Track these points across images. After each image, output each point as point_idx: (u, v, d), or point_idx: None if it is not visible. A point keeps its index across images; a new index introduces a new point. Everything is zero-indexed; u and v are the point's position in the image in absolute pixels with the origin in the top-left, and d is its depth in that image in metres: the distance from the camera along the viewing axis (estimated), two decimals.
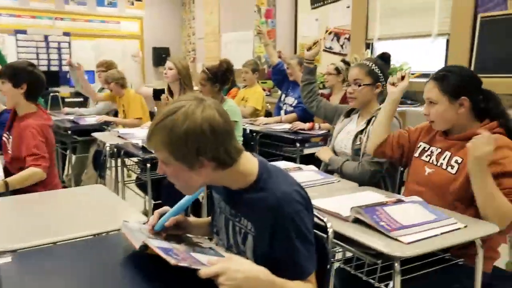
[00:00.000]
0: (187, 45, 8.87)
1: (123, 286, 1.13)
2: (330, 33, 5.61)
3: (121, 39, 8.43)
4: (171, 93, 3.40)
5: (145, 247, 1.17)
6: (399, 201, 1.56)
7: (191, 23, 8.69)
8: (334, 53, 5.70)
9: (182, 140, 1.07)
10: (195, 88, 3.68)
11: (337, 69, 3.80)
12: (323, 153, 2.34)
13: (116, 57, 8.24)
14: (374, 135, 2.00)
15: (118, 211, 1.69)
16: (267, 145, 3.69)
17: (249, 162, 1.19)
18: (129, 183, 3.20)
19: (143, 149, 2.82)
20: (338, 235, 1.42)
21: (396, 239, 1.33)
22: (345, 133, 2.35)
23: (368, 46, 5.16)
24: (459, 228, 1.41)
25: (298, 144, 3.32)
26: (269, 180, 1.15)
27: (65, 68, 7.79)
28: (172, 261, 1.05)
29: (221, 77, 3.08)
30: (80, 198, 1.90)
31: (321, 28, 5.87)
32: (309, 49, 2.65)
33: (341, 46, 5.62)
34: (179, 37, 9.00)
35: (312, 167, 2.21)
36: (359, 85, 2.22)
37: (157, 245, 1.15)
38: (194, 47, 8.67)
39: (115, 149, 2.99)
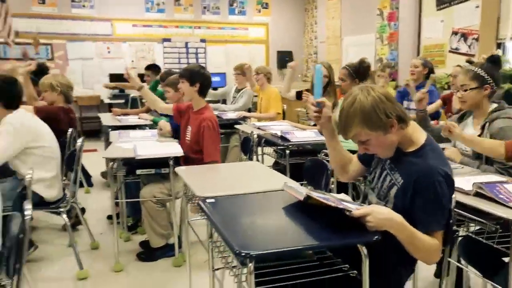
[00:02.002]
0: (309, 48, 9.35)
1: (287, 224, 1.58)
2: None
3: (249, 44, 9.22)
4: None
5: (308, 197, 1.60)
6: None
7: (313, 28, 9.15)
8: (461, 53, 5.67)
9: (373, 112, 1.47)
10: None
11: None
12: (453, 153, 2.42)
13: (243, 60, 9.07)
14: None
15: (274, 178, 2.18)
16: None
17: (418, 132, 1.57)
18: (268, 167, 3.73)
19: (282, 138, 3.31)
20: (461, 207, 1.70)
21: None
22: None
23: (499, 46, 5.07)
24: None
25: None
26: (429, 153, 1.51)
27: None
28: (332, 204, 1.47)
29: (362, 73, 3.46)
30: (244, 169, 2.46)
31: (446, 29, 5.87)
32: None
33: (469, 46, 5.57)
34: (301, 41, 9.52)
35: None
36: (466, 90, 2.34)
37: (317, 195, 1.58)
38: (316, 50, 9.11)
39: (257, 138, 3.53)
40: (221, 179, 2.30)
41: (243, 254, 1.26)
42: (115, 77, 8.00)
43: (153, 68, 5.39)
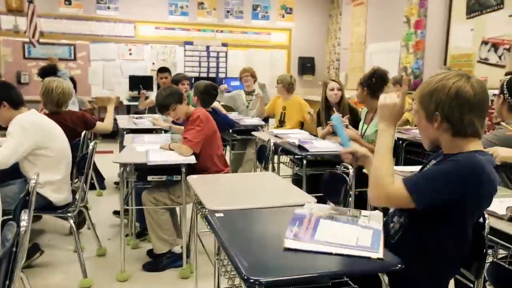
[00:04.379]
0: (332, 55, 9.19)
1: None
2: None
3: (271, 49, 9.11)
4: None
5: None
6: None
7: (336, 34, 8.99)
8: (490, 64, 5.43)
9: (430, 93, 1.37)
10: None
11: None
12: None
13: (264, 66, 9.03)
14: None
15: (291, 192, 2.05)
16: (414, 153, 3.74)
17: (475, 147, 1.38)
18: (284, 177, 3.59)
19: (299, 147, 3.18)
20: (493, 232, 1.54)
21: None
22: None
23: None
24: None
25: None
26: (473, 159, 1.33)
27: (221, 75, 8.75)
28: None
29: (374, 84, 3.24)
30: (259, 181, 2.34)
31: (476, 38, 5.64)
32: None
33: (499, 57, 5.33)
34: (324, 48, 9.36)
35: None
36: None
37: None
38: (338, 57, 8.94)
39: (273, 147, 3.40)
40: (234, 190, 2.17)
41: (252, 280, 1.14)
42: (135, 79, 8.02)
43: (168, 71, 5.35)
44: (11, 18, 7.54)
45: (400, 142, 3.78)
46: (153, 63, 8.29)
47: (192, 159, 2.68)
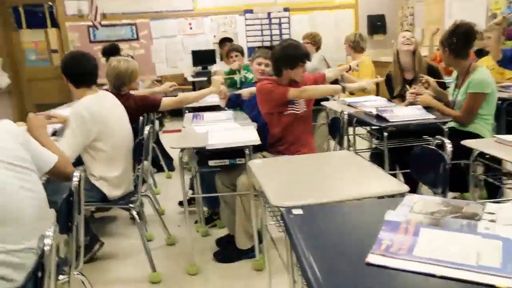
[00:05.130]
0: (404, 9, 8.32)
1: None
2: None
3: (336, 9, 8.46)
4: None
5: None
6: None
7: None
8: None
9: None
10: None
11: None
12: None
13: (329, 28, 8.43)
14: None
15: (377, 176, 1.68)
16: None
17: None
18: (361, 151, 3.21)
19: (378, 117, 2.76)
20: None
21: None
22: None
23: None
24: None
25: None
26: None
27: None
28: None
29: (456, 43, 2.74)
30: (335, 162, 1.99)
31: None
32: None
33: None
34: (394, 2, 8.51)
35: None
36: None
37: None
38: (412, 11, 8.07)
39: (347, 118, 3.01)
40: (308, 177, 1.79)
41: None
42: (198, 54, 7.84)
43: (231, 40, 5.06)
44: (75, 3, 7.61)
45: (500, 102, 3.19)
46: (214, 36, 8.03)
47: (255, 140, 2.37)
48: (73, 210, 1.59)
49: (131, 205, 2.51)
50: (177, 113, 7.42)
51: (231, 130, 2.66)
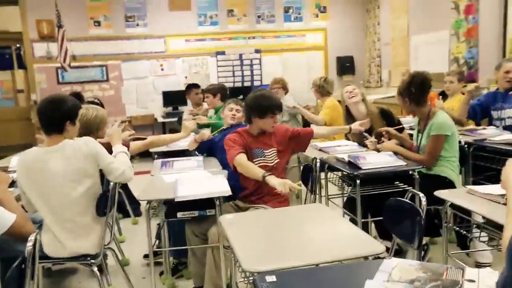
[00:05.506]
0: (372, 51, 8.61)
1: None
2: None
3: (306, 51, 8.66)
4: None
5: None
6: None
7: (375, 29, 8.41)
8: None
9: None
10: None
11: None
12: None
13: (301, 69, 8.60)
14: None
15: (354, 233, 1.61)
16: (482, 158, 3.21)
17: None
18: (333, 197, 3.16)
19: (350, 164, 2.73)
20: None
21: None
22: None
23: None
24: None
25: None
26: None
27: (256, 83, 8.39)
28: None
29: (413, 92, 2.86)
30: (307, 216, 1.92)
31: None
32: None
33: None
34: (363, 45, 8.80)
35: None
36: None
37: None
38: (379, 53, 8.36)
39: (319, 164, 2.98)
40: (279, 236, 1.69)
41: None
42: (169, 95, 7.80)
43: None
44: (44, 45, 7.51)
45: (466, 146, 3.25)
46: (186, 77, 8.05)
47: (226, 191, 2.29)
48: (25, 279, 1.45)
49: (92, 260, 2.34)
50: (145, 154, 7.31)
51: (201, 180, 2.57)
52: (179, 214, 2.35)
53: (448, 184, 2.79)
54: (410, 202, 1.71)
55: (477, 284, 1.05)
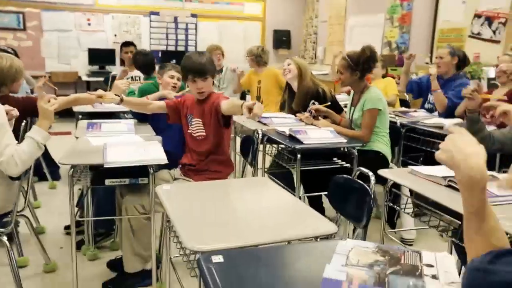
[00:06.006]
0: (309, 28, 8.62)
1: None
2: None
3: (244, 21, 8.46)
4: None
5: None
6: None
7: (314, 6, 8.41)
8: (483, 39, 5.04)
9: None
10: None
11: None
12: None
13: (237, 39, 8.38)
14: None
15: (302, 210, 1.53)
16: (413, 139, 3.32)
17: None
18: (272, 171, 3.09)
19: (291, 137, 2.67)
20: None
21: None
22: None
23: None
24: None
25: None
26: None
27: (191, 49, 8.05)
28: None
29: (363, 65, 2.84)
30: (252, 189, 1.82)
31: (468, 11, 5.22)
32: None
33: (493, 31, 4.94)
34: (300, 20, 8.78)
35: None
36: None
37: None
38: (316, 30, 8.39)
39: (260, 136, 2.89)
40: (224, 211, 1.56)
41: None
42: (95, 53, 7.23)
43: (133, 45, 4.66)
44: None
45: (400, 127, 3.33)
46: (115, 35, 7.50)
47: (162, 159, 2.11)
48: None
49: (1, 229, 2.07)
50: (66, 113, 6.75)
51: (134, 145, 2.35)
52: (107, 182, 2.13)
53: (382, 159, 2.86)
54: (359, 181, 1.66)
55: (436, 269, 1.01)
